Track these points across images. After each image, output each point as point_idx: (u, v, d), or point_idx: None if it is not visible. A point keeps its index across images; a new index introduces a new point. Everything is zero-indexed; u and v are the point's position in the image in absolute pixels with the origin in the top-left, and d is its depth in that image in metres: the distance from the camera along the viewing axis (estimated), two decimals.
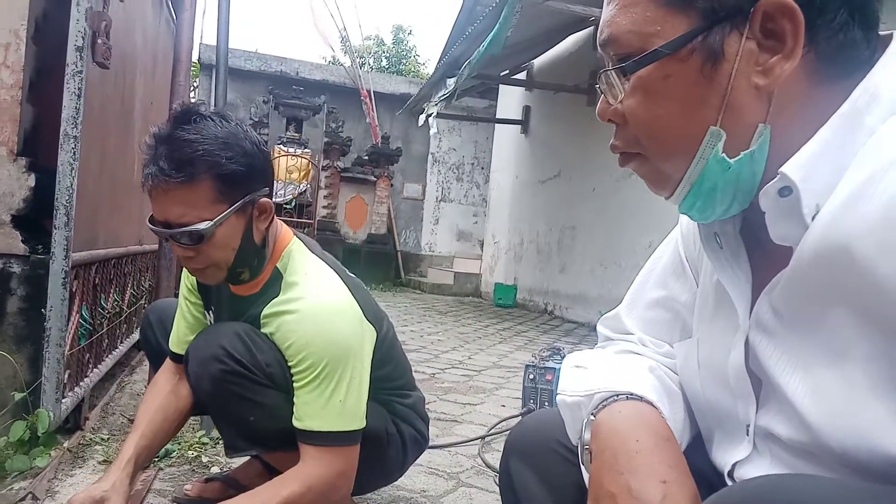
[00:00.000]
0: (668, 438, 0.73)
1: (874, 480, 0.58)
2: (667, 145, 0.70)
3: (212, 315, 1.62)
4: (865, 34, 0.65)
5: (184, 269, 1.63)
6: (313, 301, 1.41)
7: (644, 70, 0.68)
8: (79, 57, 1.88)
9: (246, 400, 1.39)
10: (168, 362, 1.66)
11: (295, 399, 1.40)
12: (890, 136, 0.59)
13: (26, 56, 1.98)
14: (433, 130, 8.08)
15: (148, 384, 2.24)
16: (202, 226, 1.31)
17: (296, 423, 1.40)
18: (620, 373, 0.82)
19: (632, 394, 0.78)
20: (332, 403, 1.38)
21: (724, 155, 0.66)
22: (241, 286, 1.50)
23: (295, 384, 1.40)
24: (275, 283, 1.47)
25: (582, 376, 0.84)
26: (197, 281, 1.61)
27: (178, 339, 1.64)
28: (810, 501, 0.52)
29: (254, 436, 1.43)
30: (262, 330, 1.44)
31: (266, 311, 1.43)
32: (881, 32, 0.67)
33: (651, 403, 0.77)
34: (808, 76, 0.65)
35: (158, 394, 1.59)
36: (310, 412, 1.39)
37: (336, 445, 1.40)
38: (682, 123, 0.68)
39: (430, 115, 7.72)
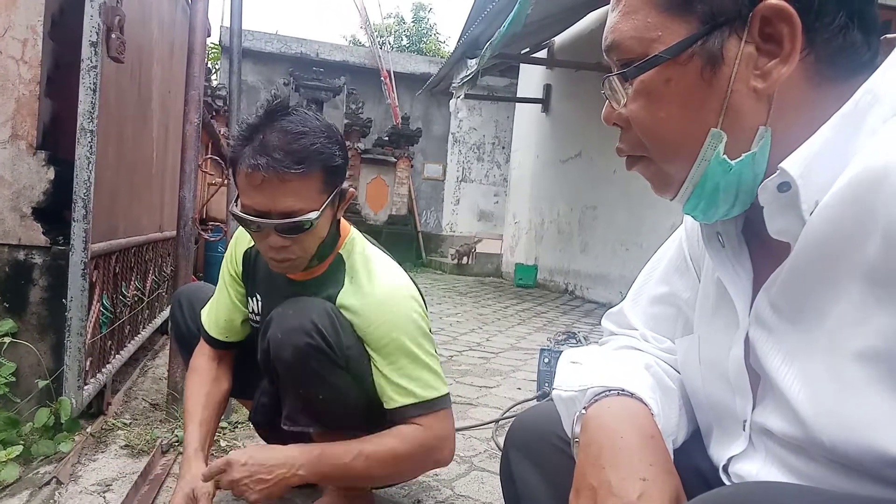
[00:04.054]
0: (652, 436, 0.75)
1: (863, 477, 0.59)
2: (669, 148, 0.72)
3: (257, 302, 1.64)
4: (866, 37, 0.66)
5: (225, 258, 1.68)
6: (390, 286, 1.48)
7: (645, 75, 0.69)
8: (93, 52, 1.91)
9: (321, 378, 1.41)
10: (205, 347, 1.68)
11: (385, 381, 1.45)
12: (889, 136, 0.60)
13: (43, 51, 2.01)
14: (461, 114, 8.10)
15: (170, 364, 2.30)
16: (312, 216, 1.35)
17: (392, 404, 1.45)
18: (614, 369, 0.84)
19: (623, 390, 0.79)
20: (424, 374, 1.46)
21: (725, 156, 0.68)
22: (302, 271, 1.54)
23: (383, 366, 1.45)
24: (338, 269, 1.52)
25: (577, 372, 0.86)
26: (242, 269, 1.64)
27: (219, 324, 1.66)
28: None
29: (316, 413, 1.46)
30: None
31: (343, 299, 1.47)
32: (888, 36, 0.68)
33: (641, 400, 0.78)
34: (808, 79, 0.66)
35: (204, 383, 1.63)
36: (405, 389, 1.45)
37: (437, 410, 1.47)
38: (683, 126, 0.69)
39: (458, 98, 7.71)
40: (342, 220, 1.60)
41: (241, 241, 1.66)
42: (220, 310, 1.67)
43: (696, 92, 0.68)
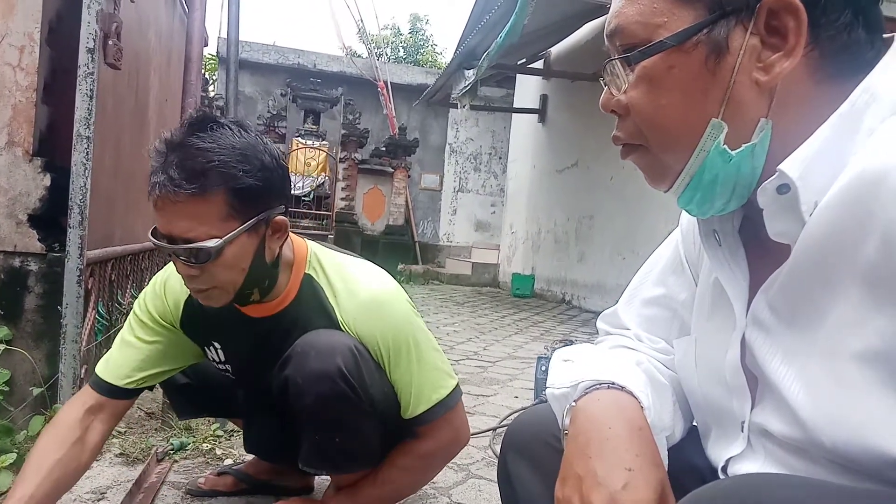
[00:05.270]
0: (640, 428, 0.74)
1: (864, 477, 0.59)
2: (669, 136, 0.71)
3: (216, 351, 1.51)
4: (870, 36, 0.66)
5: (144, 297, 1.51)
6: (377, 291, 1.42)
7: (649, 61, 0.69)
8: (90, 59, 1.92)
9: (342, 423, 1.36)
10: (90, 393, 1.43)
11: (401, 390, 1.42)
12: (888, 137, 0.60)
13: (40, 58, 2.02)
14: (468, 122, 8.15)
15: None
16: (210, 243, 1.20)
17: (411, 413, 1.43)
18: (605, 364, 0.84)
19: (613, 383, 0.79)
20: (434, 374, 1.44)
21: (725, 147, 0.67)
22: (256, 307, 1.42)
23: (396, 374, 1.41)
24: (313, 292, 1.42)
25: (569, 369, 0.86)
26: (182, 315, 1.47)
27: (119, 371, 1.43)
28: (780, 502, 0.53)
29: (331, 456, 1.42)
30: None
31: (345, 319, 1.39)
32: (885, 35, 0.68)
33: (632, 393, 0.78)
34: (811, 75, 0.65)
35: (64, 443, 1.36)
36: (419, 393, 1.42)
37: (450, 409, 1.46)
38: (684, 114, 0.69)
39: (463, 107, 7.77)
40: (296, 238, 1.46)
41: (171, 285, 1.49)
42: (127, 353, 1.46)
43: (698, 81, 0.67)
